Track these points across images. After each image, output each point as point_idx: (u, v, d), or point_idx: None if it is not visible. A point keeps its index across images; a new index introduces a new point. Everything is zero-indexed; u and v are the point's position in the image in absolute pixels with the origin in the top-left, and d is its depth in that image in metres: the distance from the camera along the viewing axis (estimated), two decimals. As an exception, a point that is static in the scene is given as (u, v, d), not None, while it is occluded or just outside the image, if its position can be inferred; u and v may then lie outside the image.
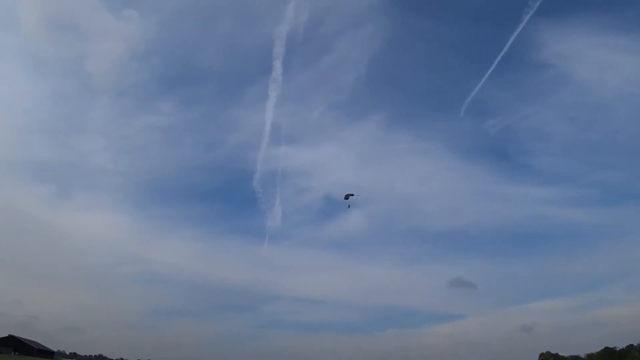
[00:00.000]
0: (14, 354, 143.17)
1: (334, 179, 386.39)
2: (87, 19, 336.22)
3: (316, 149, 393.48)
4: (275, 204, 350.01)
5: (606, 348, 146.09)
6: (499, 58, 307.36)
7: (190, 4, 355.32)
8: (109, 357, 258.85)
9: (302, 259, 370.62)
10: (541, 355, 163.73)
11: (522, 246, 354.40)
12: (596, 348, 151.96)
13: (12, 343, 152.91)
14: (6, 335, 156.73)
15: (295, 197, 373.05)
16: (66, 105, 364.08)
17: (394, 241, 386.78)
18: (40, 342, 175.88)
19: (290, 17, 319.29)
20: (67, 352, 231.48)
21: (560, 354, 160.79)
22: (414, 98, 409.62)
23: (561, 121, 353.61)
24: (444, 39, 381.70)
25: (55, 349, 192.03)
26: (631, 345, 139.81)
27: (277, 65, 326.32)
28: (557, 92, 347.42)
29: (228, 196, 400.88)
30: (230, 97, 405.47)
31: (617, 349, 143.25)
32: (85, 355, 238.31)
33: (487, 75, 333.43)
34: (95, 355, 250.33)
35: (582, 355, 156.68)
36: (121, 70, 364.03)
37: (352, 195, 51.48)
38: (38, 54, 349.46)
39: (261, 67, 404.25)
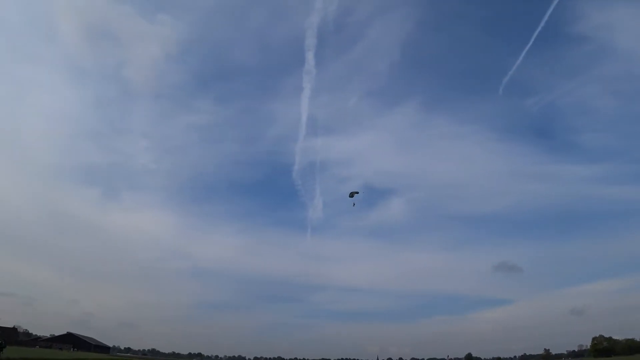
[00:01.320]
0: (73, 350, 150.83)
1: (373, 167, 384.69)
2: (123, 26, 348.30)
3: (353, 138, 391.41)
4: (316, 195, 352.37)
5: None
6: (535, 34, 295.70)
7: (220, 2, 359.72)
8: (161, 350, 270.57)
9: (346, 248, 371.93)
10: (594, 339, 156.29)
11: (569, 227, 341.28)
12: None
13: (71, 340, 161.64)
14: (65, 332, 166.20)
15: (335, 187, 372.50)
16: (108, 110, 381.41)
17: (436, 227, 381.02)
18: (96, 339, 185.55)
19: (320, 7, 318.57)
20: (122, 347, 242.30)
21: (614, 337, 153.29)
22: (450, 80, 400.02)
23: (605, 95, 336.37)
24: (477, 17, 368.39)
25: (110, 345, 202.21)
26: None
27: (310, 56, 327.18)
28: (599, 65, 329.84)
29: (269, 189, 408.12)
30: (265, 91, 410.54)
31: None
32: (139, 350, 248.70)
33: (524, 52, 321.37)
34: (148, 350, 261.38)
35: (639, 338, 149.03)
36: (158, 72, 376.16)
37: (357, 193, 50.28)
38: (79, 63, 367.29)
39: (294, 59, 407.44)
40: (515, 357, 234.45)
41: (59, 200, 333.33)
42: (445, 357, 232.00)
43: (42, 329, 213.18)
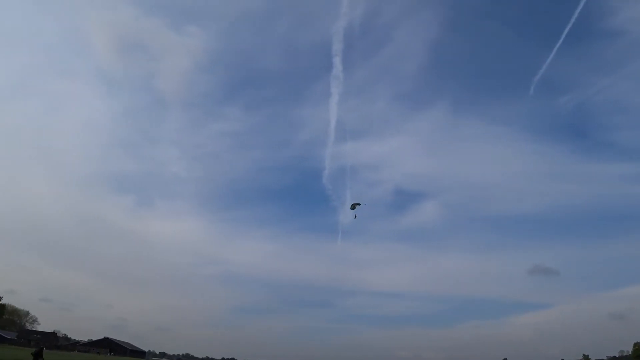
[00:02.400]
0: (110, 354, 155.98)
1: (403, 170, 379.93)
2: (153, 39, 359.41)
3: (383, 141, 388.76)
4: (347, 199, 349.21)
5: None
6: (566, 30, 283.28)
7: (246, 10, 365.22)
8: (195, 355, 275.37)
9: (377, 252, 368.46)
10: (636, 344, 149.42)
11: (608, 228, 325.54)
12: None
13: (108, 344, 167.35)
14: (102, 337, 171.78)
15: (365, 191, 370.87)
16: (140, 120, 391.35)
17: (469, 230, 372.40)
18: (132, 343, 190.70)
19: (346, 11, 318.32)
20: (157, 352, 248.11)
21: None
22: (479, 81, 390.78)
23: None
24: (505, 15, 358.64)
25: (146, 349, 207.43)
26: None
27: (337, 61, 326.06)
28: (633, 60, 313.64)
29: (299, 195, 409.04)
30: (293, 97, 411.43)
31: None
32: (173, 354, 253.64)
33: (555, 49, 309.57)
34: (183, 354, 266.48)
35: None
36: (188, 82, 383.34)
37: (359, 204, 49.82)
38: (111, 75, 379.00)
39: (321, 64, 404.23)
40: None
41: (95, 208, 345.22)
42: None
43: (80, 333, 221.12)
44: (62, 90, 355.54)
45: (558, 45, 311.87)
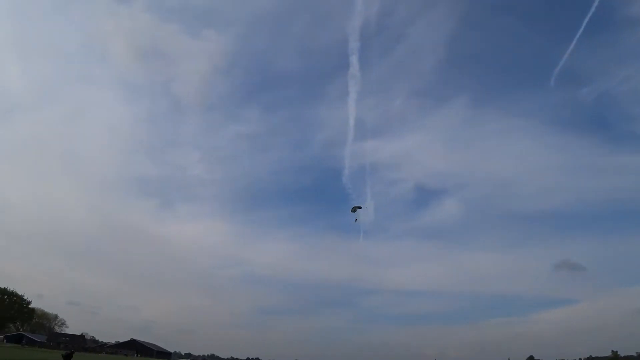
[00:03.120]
0: (137, 356, 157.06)
1: (423, 167, 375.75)
2: (171, 44, 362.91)
3: (402, 139, 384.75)
4: (367, 198, 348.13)
5: None
6: (586, 19, 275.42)
7: (261, 12, 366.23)
8: (220, 356, 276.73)
9: (399, 251, 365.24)
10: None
11: (635, 221, 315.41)
12: None
13: (134, 346, 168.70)
14: (128, 339, 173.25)
15: (386, 189, 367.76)
16: (160, 125, 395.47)
17: (492, 226, 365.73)
18: (157, 344, 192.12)
19: (361, 10, 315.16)
20: (182, 353, 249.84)
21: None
22: (498, 75, 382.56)
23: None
24: (523, 6, 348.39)
25: (171, 350, 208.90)
26: None
27: (354, 60, 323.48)
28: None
29: (320, 195, 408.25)
30: (311, 97, 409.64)
31: None
32: (199, 355, 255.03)
33: (575, 39, 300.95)
34: (208, 355, 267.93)
35: None
36: (206, 85, 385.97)
37: (360, 207, 47.63)
38: (130, 81, 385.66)
39: (338, 63, 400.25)
40: (580, 359, 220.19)
41: (118, 212, 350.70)
42: None
43: (108, 335, 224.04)
44: (83, 98, 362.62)
45: (578, 35, 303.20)
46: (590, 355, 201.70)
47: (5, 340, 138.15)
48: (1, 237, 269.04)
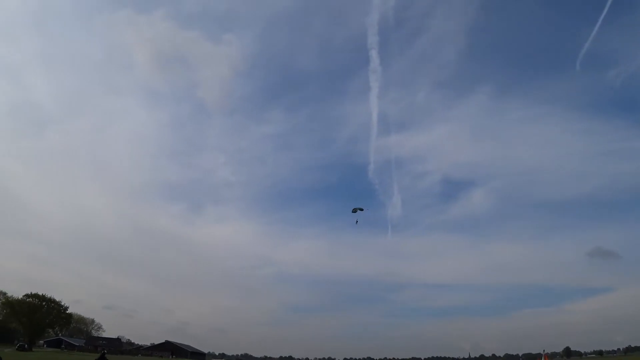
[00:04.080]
0: (172, 357, 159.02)
1: (450, 159, 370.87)
2: (192, 51, 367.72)
3: (427, 131, 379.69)
4: (394, 193, 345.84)
5: None
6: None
7: (278, 12, 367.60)
8: (254, 355, 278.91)
9: (428, 244, 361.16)
10: None
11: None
12: None
13: (169, 347, 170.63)
14: (163, 341, 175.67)
15: (412, 183, 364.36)
16: (185, 130, 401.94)
17: (521, 216, 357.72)
18: (192, 345, 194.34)
19: (378, 3, 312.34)
20: (217, 353, 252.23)
21: None
22: (522, 62, 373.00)
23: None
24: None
25: (205, 351, 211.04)
26: None
27: (374, 55, 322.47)
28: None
29: (346, 191, 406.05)
30: (333, 94, 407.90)
31: None
32: (232, 355, 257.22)
33: (599, 21, 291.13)
34: (241, 354, 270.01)
35: None
36: (229, 89, 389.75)
37: (362, 209, 45.87)
38: (154, 88, 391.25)
39: (358, 59, 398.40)
40: (619, 349, 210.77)
41: (149, 217, 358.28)
42: (542, 352, 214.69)
43: (143, 338, 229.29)
44: (110, 107, 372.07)
45: (602, 16, 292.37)
46: (630, 345, 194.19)
47: (45, 345, 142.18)
48: (38, 245, 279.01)
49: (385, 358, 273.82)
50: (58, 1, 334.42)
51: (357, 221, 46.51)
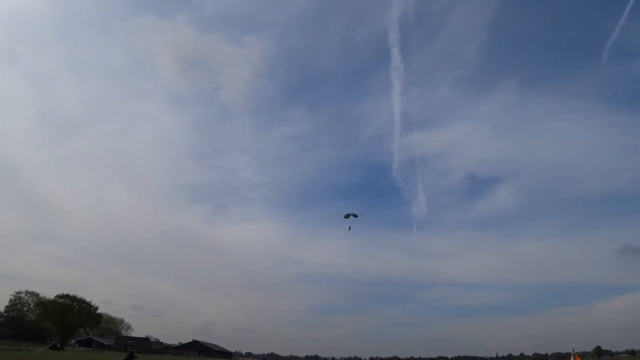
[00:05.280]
0: (199, 356, 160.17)
1: (474, 156, 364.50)
2: (214, 54, 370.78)
3: (450, 128, 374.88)
4: (418, 190, 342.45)
5: None
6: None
7: (297, 13, 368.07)
8: (280, 354, 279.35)
9: (453, 242, 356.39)
10: None
11: None
12: None
13: (197, 347, 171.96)
14: (190, 340, 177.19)
15: (437, 181, 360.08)
16: (208, 132, 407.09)
17: (549, 213, 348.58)
18: (219, 345, 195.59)
19: (398, 1, 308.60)
20: (243, 352, 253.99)
21: None
22: (546, 55, 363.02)
23: None
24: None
25: (232, 350, 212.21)
26: None
27: (395, 52, 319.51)
28: None
29: (370, 190, 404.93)
30: (354, 93, 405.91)
31: None
32: (259, 354, 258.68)
33: (626, 11, 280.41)
34: (267, 353, 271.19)
35: None
36: (251, 90, 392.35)
37: (356, 216, 43.97)
38: (177, 92, 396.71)
39: (379, 57, 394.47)
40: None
41: (174, 219, 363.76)
42: (571, 351, 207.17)
43: (171, 337, 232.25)
44: (134, 111, 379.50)
45: (630, 5, 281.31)
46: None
47: (77, 345, 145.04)
48: (67, 248, 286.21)
49: (412, 357, 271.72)
50: (83, 10, 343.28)
51: (349, 227, 44.76)
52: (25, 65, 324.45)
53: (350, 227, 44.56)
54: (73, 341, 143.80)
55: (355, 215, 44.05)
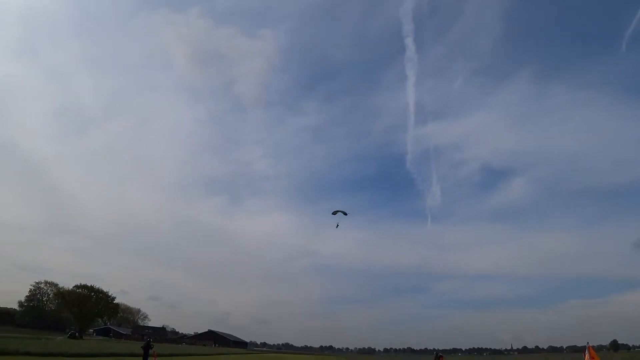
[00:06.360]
0: (214, 346, 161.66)
1: (489, 147, 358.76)
2: (228, 47, 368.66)
3: (465, 120, 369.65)
4: (433, 182, 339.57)
5: None
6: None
7: (311, 4, 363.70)
8: (294, 344, 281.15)
9: (468, 234, 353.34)
10: None
11: None
12: None
13: (212, 337, 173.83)
14: (206, 330, 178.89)
15: (451, 172, 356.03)
16: (223, 125, 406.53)
17: (565, 204, 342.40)
18: (234, 335, 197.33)
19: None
20: (258, 342, 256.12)
21: None
22: (562, 44, 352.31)
23: None
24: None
25: (247, 340, 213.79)
26: None
27: (409, 43, 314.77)
28: None
29: (384, 181, 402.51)
30: (369, 84, 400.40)
31: None
32: (274, 344, 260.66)
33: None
34: (282, 344, 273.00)
35: None
36: (265, 83, 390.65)
37: (345, 214, 42.53)
38: (192, 86, 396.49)
39: (393, 48, 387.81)
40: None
41: (190, 211, 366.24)
42: (586, 345, 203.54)
43: (187, 327, 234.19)
44: (150, 105, 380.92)
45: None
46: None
47: (95, 334, 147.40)
48: (86, 240, 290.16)
49: (426, 349, 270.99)
50: (98, 6, 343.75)
51: (337, 225, 43.58)
52: (44, 61, 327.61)
53: (338, 225, 43.58)
54: (91, 330, 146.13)
55: (345, 213, 42.99)
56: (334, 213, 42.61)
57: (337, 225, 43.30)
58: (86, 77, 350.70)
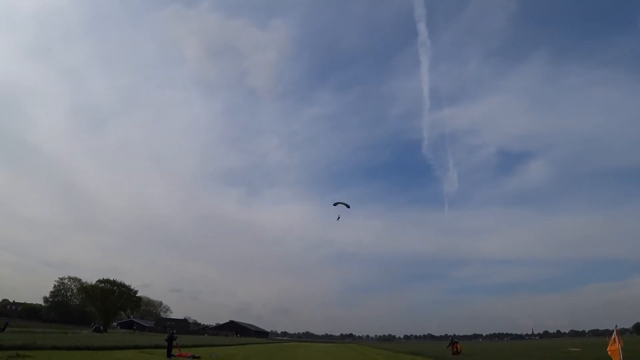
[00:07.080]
0: (236, 336, 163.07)
1: (505, 130, 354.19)
2: (240, 39, 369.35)
3: (480, 103, 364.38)
4: (449, 167, 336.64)
5: None
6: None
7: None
8: (315, 333, 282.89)
9: (487, 219, 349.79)
10: None
11: None
12: None
13: (234, 327, 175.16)
14: (227, 321, 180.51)
15: (468, 157, 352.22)
16: (238, 117, 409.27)
17: (583, 186, 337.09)
18: (256, 325, 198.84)
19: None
20: (279, 332, 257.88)
21: None
22: (578, 24, 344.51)
23: None
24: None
25: (268, 330, 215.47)
26: None
27: (422, 27, 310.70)
28: None
29: (400, 168, 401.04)
30: (382, 71, 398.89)
31: None
32: (294, 333, 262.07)
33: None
34: (303, 333, 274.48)
35: None
36: (278, 73, 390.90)
37: (348, 206, 40.97)
38: (206, 79, 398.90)
39: (406, 33, 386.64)
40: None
41: (209, 203, 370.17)
42: (615, 328, 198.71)
43: (209, 318, 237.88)
44: (165, 100, 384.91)
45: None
46: None
47: (118, 327, 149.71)
48: (107, 235, 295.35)
49: (446, 334, 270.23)
50: (110, 4, 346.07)
51: (339, 217, 42.40)
52: (59, 60, 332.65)
53: (339, 217, 42.53)
54: (115, 324, 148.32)
55: (348, 206, 41.90)
56: (335, 204, 41.70)
57: (339, 217, 42.36)
58: (101, 75, 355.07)
